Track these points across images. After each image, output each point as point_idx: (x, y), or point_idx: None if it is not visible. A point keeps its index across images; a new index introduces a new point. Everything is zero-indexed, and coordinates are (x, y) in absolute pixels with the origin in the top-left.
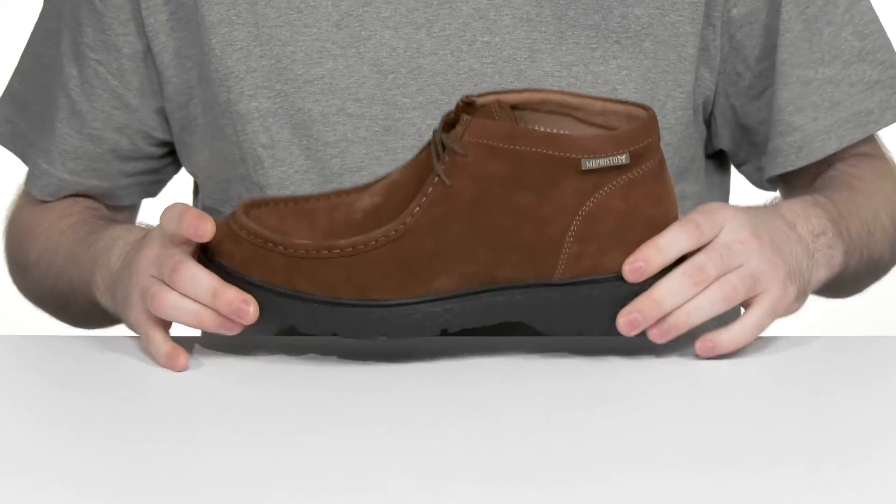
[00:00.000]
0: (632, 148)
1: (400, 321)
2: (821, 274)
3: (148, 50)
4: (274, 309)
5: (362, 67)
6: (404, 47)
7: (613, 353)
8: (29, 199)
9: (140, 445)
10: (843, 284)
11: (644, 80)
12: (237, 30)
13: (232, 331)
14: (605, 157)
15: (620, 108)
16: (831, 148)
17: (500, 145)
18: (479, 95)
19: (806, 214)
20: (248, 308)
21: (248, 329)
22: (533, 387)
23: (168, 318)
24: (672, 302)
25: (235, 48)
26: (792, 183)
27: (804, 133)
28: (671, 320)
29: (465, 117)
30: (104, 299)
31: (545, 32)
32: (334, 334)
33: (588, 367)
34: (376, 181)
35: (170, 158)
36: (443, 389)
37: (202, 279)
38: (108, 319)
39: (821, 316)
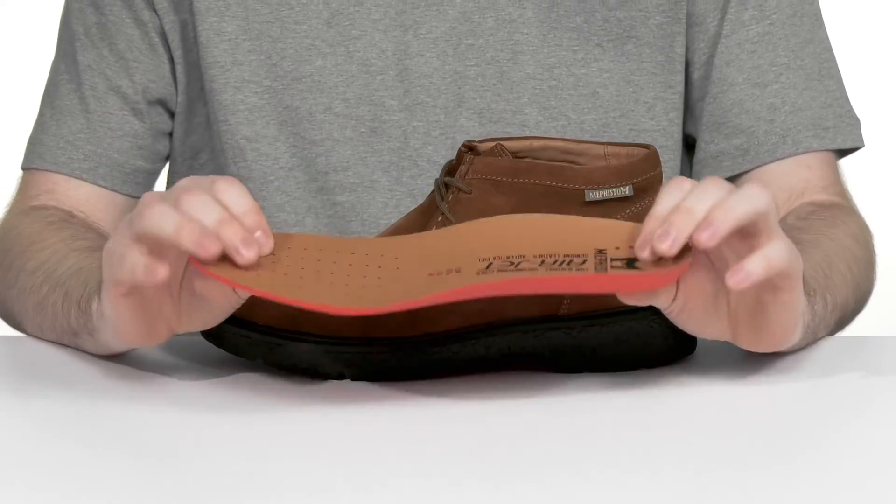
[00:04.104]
0: (635, 180)
1: (407, 359)
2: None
3: (163, 29)
4: (279, 352)
5: (351, 67)
6: (392, 49)
7: None
8: (36, 214)
9: (140, 445)
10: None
11: (627, 82)
12: (226, 21)
13: (210, 249)
14: (609, 188)
15: (622, 150)
16: (784, 152)
17: (504, 179)
18: (481, 141)
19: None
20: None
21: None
22: (533, 387)
23: (148, 229)
24: (703, 206)
25: (223, 38)
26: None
27: (751, 135)
28: (712, 218)
29: (468, 157)
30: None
31: (527, 34)
32: (341, 375)
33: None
34: (379, 235)
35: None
36: (443, 389)
37: (216, 205)
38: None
39: None
